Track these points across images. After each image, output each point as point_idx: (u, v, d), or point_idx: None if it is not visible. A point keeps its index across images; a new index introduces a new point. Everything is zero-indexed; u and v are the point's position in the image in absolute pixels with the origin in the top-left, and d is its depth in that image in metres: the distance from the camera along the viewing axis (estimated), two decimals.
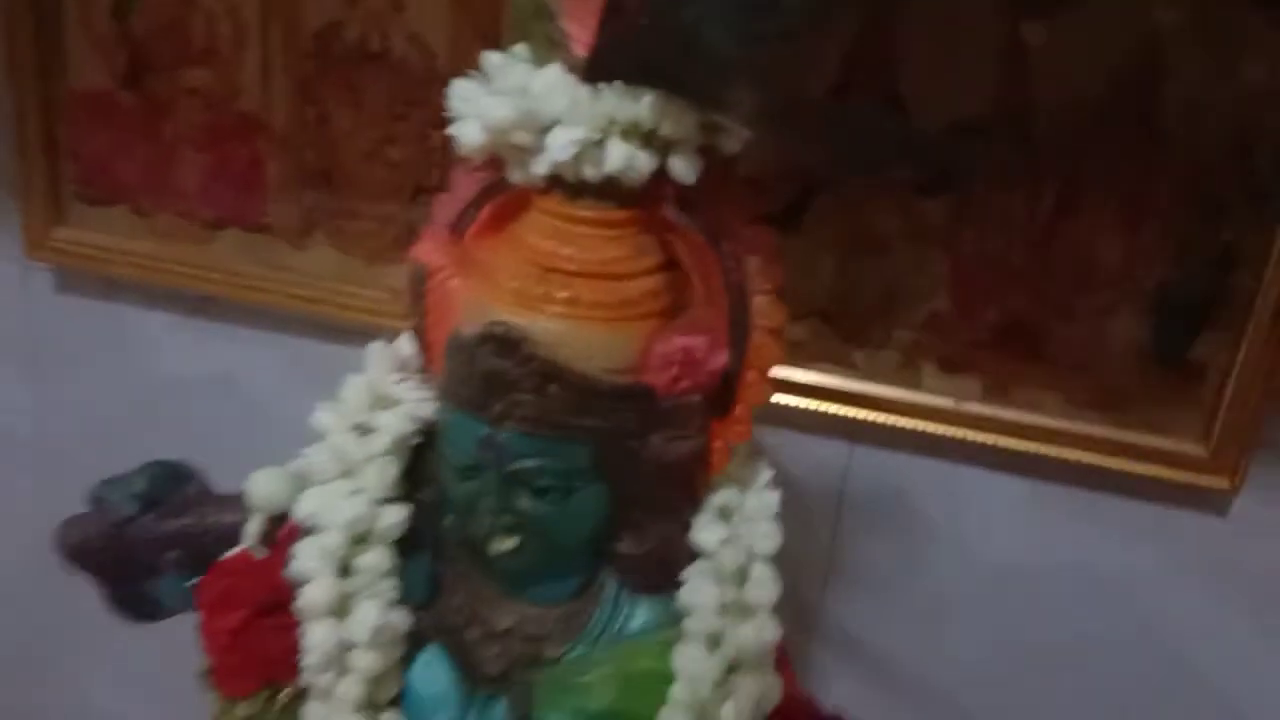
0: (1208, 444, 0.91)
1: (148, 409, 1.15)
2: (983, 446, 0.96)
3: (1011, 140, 0.86)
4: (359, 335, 1.03)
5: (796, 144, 0.60)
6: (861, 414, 0.97)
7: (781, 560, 0.66)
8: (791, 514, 0.69)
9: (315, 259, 1.03)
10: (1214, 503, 0.94)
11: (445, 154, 0.96)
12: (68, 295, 1.13)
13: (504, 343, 0.54)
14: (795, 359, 0.96)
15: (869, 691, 1.06)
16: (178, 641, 1.05)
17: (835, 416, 0.97)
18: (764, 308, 0.58)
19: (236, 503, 0.64)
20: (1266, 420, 0.90)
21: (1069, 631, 1.01)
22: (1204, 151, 0.84)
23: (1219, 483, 0.92)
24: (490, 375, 0.54)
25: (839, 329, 0.95)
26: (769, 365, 0.60)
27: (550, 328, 0.55)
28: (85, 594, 1.17)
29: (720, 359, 0.57)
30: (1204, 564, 0.97)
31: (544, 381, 0.54)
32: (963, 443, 0.96)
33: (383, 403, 0.62)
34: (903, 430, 0.97)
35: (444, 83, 0.93)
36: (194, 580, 0.65)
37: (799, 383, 0.96)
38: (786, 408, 0.95)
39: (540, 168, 0.55)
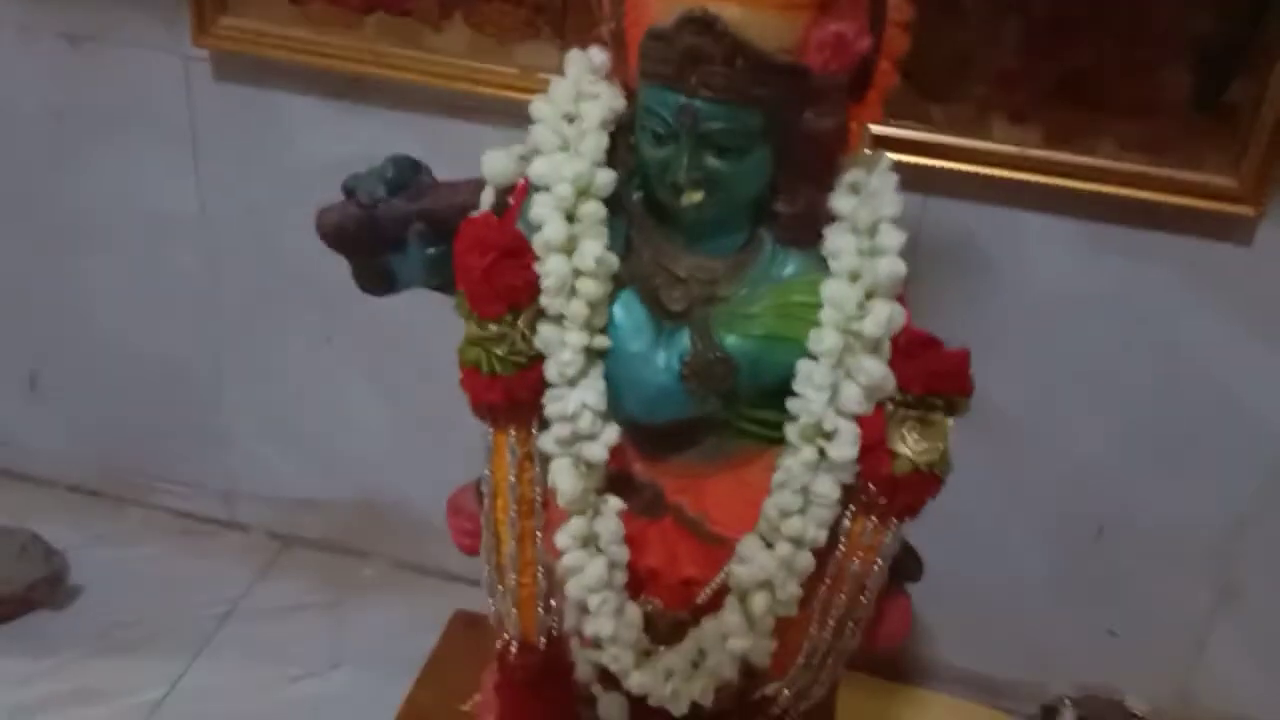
0: (1237, 176, 1.06)
1: (298, 187, 1.30)
2: (1043, 188, 1.10)
3: None
4: (488, 112, 1.19)
5: None
6: (938, 163, 1.11)
7: None
8: None
9: (452, 39, 1.17)
10: (1240, 231, 1.09)
11: None
12: (225, 84, 1.27)
13: (702, 23, 0.69)
14: None
15: None
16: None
17: (914, 166, 1.11)
18: (896, 5, 0.74)
19: (464, 185, 0.81)
20: None
21: (1110, 352, 1.17)
22: None
23: (1246, 210, 1.06)
24: (690, 50, 0.70)
25: (918, 86, 1.08)
26: (899, 54, 0.75)
27: (735, 13, 0.70)
28: (242, 352, 1.35)
29: (864, 42, 0.72)
30: (1230, 289, 1.12)
31: (732, 55, 0.70)
32: (1026, 185, 1.10)
33: (584, 97, 0.77)
34: (973, 177, 1.11)
35: None
36: (432, 250, 0.81)
37: (882, 136, 1.10)
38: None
39: None
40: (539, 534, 0.84)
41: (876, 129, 1.09)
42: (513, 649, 0.87)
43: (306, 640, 1.39)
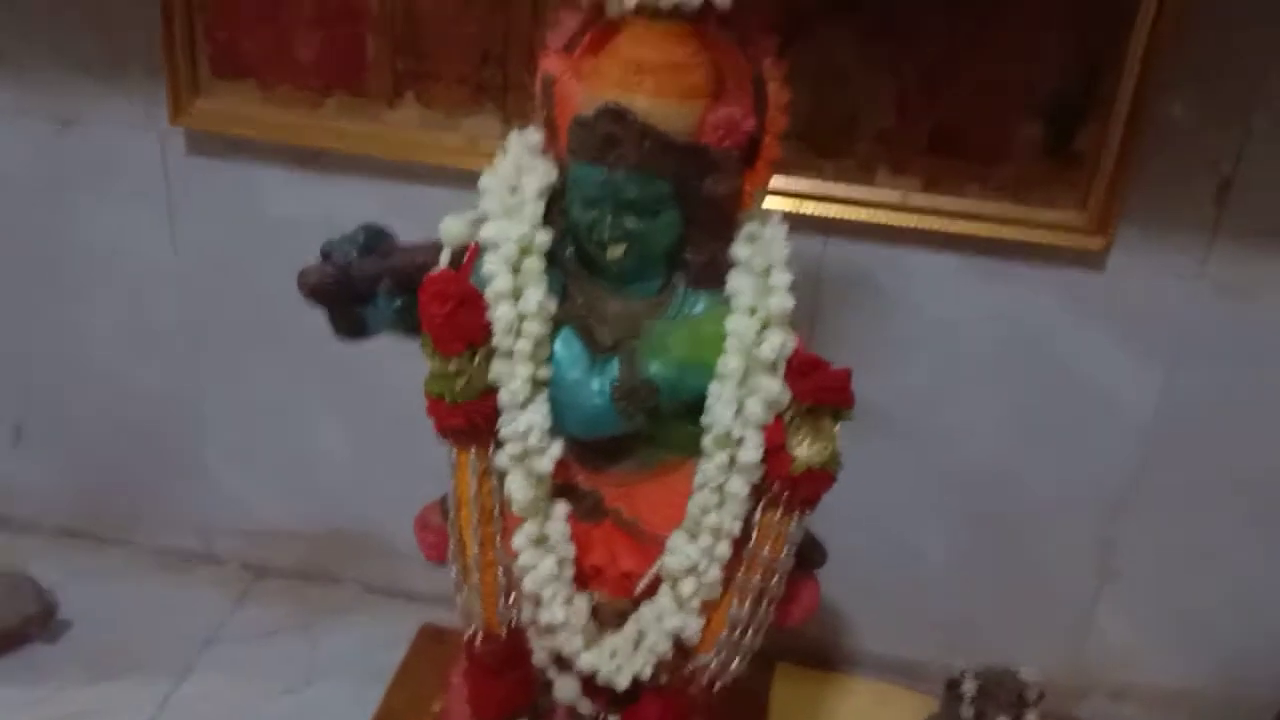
0: (1085, 213, 1.23)
1: (267, 248, 1.43)
2: (923, 231, 1.26)
3: None
4: (437, 178, 1.33)
5: None
6: (831, 210, 1.27)
7: None
8: None
9: (405, 115, 1.31)
10: (1093, 260, 1.26)
11: (508, 26, 1.26)
12: (198, 157, 1.40)
13: (616, 113, 0.85)
14: (777, 169, 1.26)
15: (845, 426, 1.36)
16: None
17: (811, 216, 1.27)
18: (775, 91, 0.90)
19: (424, 247, 0.95)
20: (1127, 194, 1.21)
21: (990, 362, 1.33)
22: None
23: (1095, 243, 1.23)
24: (607, 136, 0.85)
25: (812, 145, 1.25)
26: (780, 130, 0.91)
27: (644, 104, 0.85)
28: (216, 395, 1.45)
29: (750, 123, 0.88)
30: (1092, 309, 1.29)
31: (641, 139, 0.85)
32: (908, 229, 1.26)
33: (524, 170, 0.93)
34: (863, 222, 1.27)
35: None
36: (399, 302, 0.95)
37: (781, 189, 1.26)
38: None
39: (631, 1, 0.85)
40: (498, 537, 0.98)
41: (780, 181, 1.26)
42: (479, 639, 1.01)
43: (284, 660, 1.51)
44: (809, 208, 1.27)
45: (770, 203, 1.18)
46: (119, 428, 1.60)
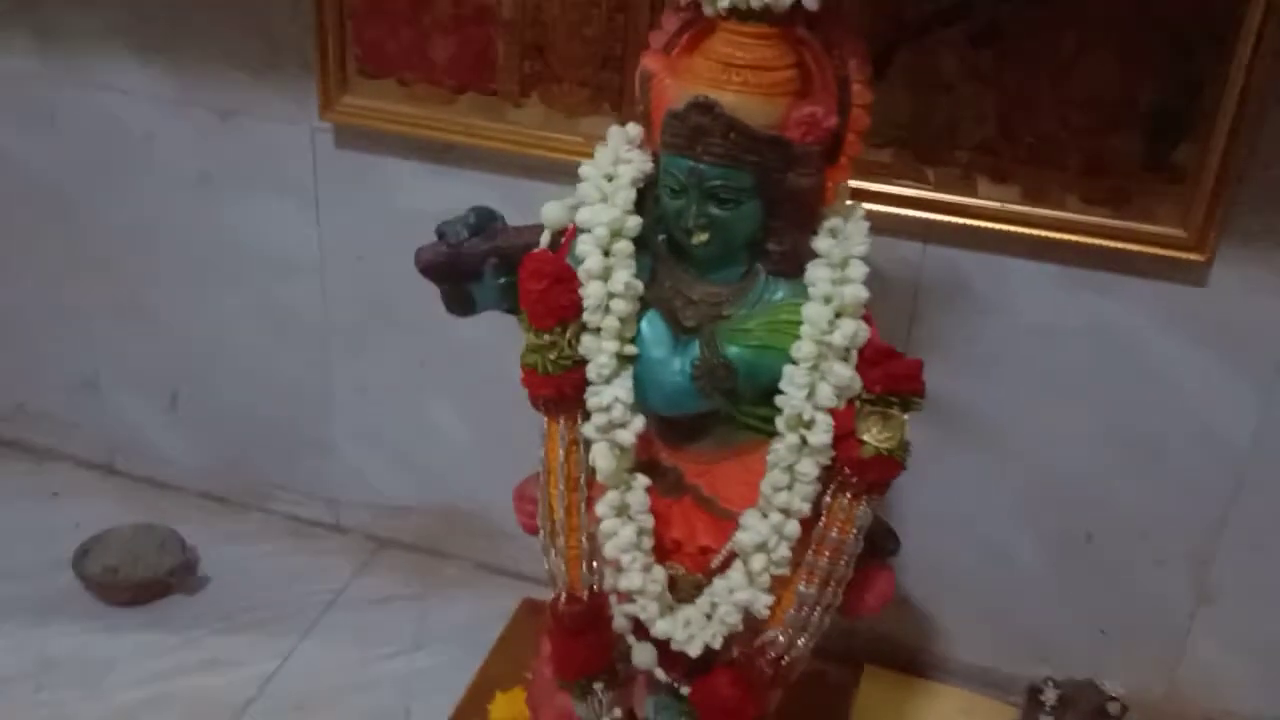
0: (1185, 227, 1.23)
1: (401, 235, 1.52)
2: (1023, 237, 1.28)
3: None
4: (555, 174, 1.41)
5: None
6: (932, 216, 1.30)
7: None
8: (880, 298, 1.00)
9: (529, 114, 1.40)
10: (1194, 274, 1.25)
11: (626, 32, 1.34)
12: (344, 150, 1.52)
13: (704, 107, 0.91)
14: (881, 176, 1.29)
15: (939, 431, 1.38)
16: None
17: (913, 219, 1.30)
18: (859, 91, 0.95)
19: (529, 229, 1.03)
20: (1230, 209, 1.21)
21: (1086, 373, 1.34)
22: (1177, 6, 1.16)
23: (1196, 257, 1.23)
24: (695, 127, 0.92)
25: (914, 152, 1.28)
26: (862, 129, 0.96)
27: (730, 99, 0.91)
28: (346, 377, 1.55)
29: (832, 120, 0.93)
30: (1191, 323, 1.28)
31: (727, 131, 0.91)
32: (1008, 235, 1.28)
33: (620, 161, 1.00)
34: (962, 228, 1.29)
35: None
36: (504, 279, 1.03)
37: (885, 193, 1.30)
38: (876, 214, 1.11)
39: (724, 2, 0.92)
40: (582, 504, 1.05)
41: (883, 187, 1.30)
42: (562, 599, 1.08)
43: (397, 626, 1.61)
44: (911, 212, 1.30)
45: (871, 206, 1.22)
46: (260, 405, 1.73)
